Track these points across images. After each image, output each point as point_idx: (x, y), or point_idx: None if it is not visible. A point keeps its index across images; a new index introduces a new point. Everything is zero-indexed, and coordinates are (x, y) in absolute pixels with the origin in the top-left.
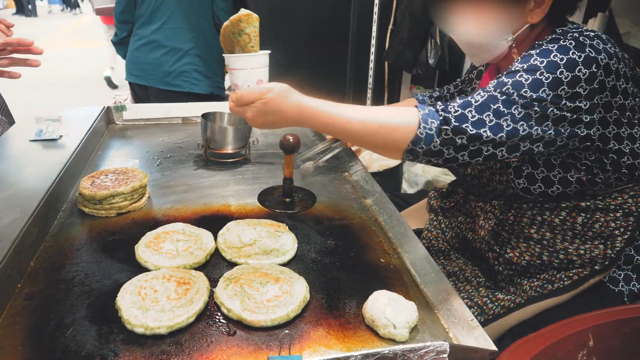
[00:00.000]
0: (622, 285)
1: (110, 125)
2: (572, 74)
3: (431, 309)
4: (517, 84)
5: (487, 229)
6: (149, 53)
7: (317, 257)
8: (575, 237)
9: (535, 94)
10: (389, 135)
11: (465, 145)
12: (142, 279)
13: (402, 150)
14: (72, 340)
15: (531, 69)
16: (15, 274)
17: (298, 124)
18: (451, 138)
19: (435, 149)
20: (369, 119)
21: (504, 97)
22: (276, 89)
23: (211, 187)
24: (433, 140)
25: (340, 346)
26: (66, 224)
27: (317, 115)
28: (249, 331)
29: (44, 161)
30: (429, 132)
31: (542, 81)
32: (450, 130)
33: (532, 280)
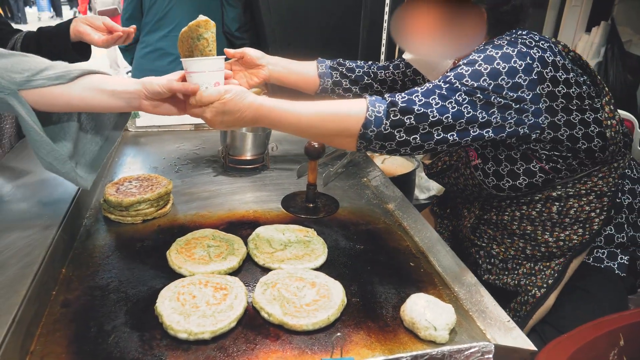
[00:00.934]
0: (606, 262)
1: (123, 132)
2: (509, 65)
3: (466, 311)
4: (458, 75)
5: (468, 227)
6: (156, 60)
7: (348, 261)
8: (554, 226)
9: (476, 83)
10: (341, 123)
11: (415, 127)
12: (179, 285)
13: (355, 137)
14: (115, 347)
15: (470, 62)
16: (51, 281)
17: (255, 122)
18: (399, 119)
19: (386, 132)
20: (321, 110)
21: (447, 85)
22: (234, 90)
23: (232, 193)
24: (382, 123)
25: (382, 349)
26: (92, 231)
27: (271, 112)
28: (290, 335)
29: None
30: (377, 114)
31: (482, 72)
32: (398, 111)
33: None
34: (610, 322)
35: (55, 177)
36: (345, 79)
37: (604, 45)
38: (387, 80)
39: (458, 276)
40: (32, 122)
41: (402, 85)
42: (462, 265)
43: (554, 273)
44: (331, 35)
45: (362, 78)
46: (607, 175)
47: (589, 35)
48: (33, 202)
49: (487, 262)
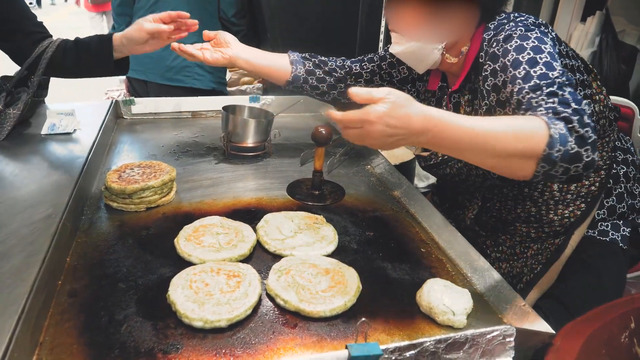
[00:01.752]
0: (611, 234)
1: (118, 120)
2: (544, 45)
3: (480, 296)
4: (542, 76)
5: (472, 218)
6: None
7: (359, 247)
8: (557, 204)
9: (556, 71)
10: (525, 141)
11: (595, 142)
12: (191, 273)
13: (535, 159)
14: (128, 337)
15: (530, 62)
16: (57, 270)
17: (420, 134)
18: (582, 134)
19: (573, 151)
20: (498, 124)
21: (554, 86)
22: (396, 92)
23: (236, 181)
24: (568, 140)
25: (401, 334)
26: (95, 219)
27: (441, 124)
28: (307, 322)
29: (63, 156)
30: (560, 130)
31: (548, 60)
32: (579, 123)
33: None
34: (622, 305)
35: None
36: (319, 69)
37: (599, 34)
38: (362, 74)
39: (470, 261)
40: None
41: (380, 78)
42: (473, 250)
43: (554, 246)
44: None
45: (335, 70)
46: (600, 150)
47: (584, 24)
48: (34, 189)
49: (495, 251)
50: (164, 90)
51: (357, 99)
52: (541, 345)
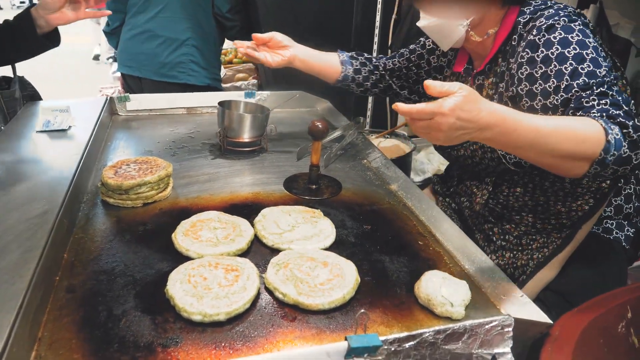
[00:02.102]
0: (615, 232)
1: (113, 117)
2: (588, 38)
3: (478, 288)
4: (591, 75)
5: (482, 204)
6: (144, 43)
7: (357, 241)
8: (567, 196)
9: (603, 68)
10: (583, 144)
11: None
12: (189, 267)
13: (589, 161)
14: (127, 331)
15: (577, 58)
16: (54, 266)
17: (485, 129)
18: (635, 140)
19: (625, 155)
20: (560, 124)
21: (604, 86)
22: (466, 87)
23: (233, 176)
24: (622, 146)
25: (399, 326)
26: (91, 215)
27: (506, 120)
28: (306, 315)
29: (58, 152)
30: (616, 136)
31: (594, 57)
32: (633, 129)
33: (531, 260)
34: (619, 295)
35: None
36: (364, 67)
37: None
38: (394, 69)
39: (467, 254)
40: None
41: (407, 69)
42: (470, 242)
43: (559, 240)
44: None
45: (377, 68)
46: None
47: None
48: (29, 186)
49: (501, 239)
50: (159, 86)
51: (432, 91)
52: (539, 335)
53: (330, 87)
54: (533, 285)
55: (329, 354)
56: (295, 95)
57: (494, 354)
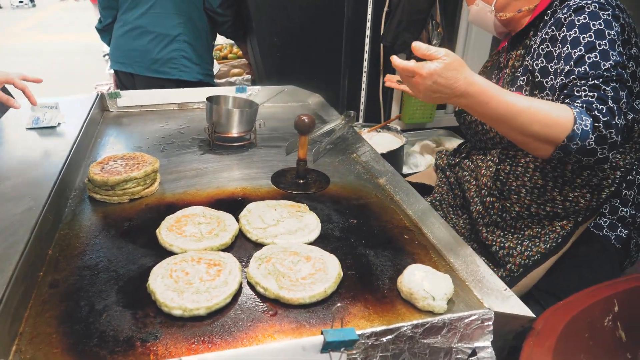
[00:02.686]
0: (605, 230)
1: (104, 113)
2: (610, 30)
3: (462, 281)
4: (593, 65)
5: (489, 176)
6: (135, 39)
7: (342, 235)
8: (565, 184)
9: (610, 61)
10: (549, 128)
11: (615, 143)
12: (172, 262)
13: (555, 145)
14: (107, 326)
15: (589, 46)
16: (38, 262)
17: (460, 97)
18: (604, 135)
19: (590, 147)
20: (534, 105)
21: (600, 79)
22: (453, 55)
23: (221, 171)
24: (588, 138)
25: (380, 320)
26: (78, 211)
27: (483, 92)
28: (287, 309)
29: (47, 149)
30: (584, 127)
31: (606, 49)
32: (603, 126)
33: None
34: (605, 289)
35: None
36: None
37: None
38: None
39: (453, 247)
40: None
41: None
42: (456, 236)
43: (558, 238)
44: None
45: None
46: (626, 151)
47: None
48: (16, 182)
49: (498, 215)
50: (151, 82)
51: (417, 52)
52: (521, 329)
53: (322, 81)
54: (526, 282)
55: (305, 348)
56: (283, 89)
57: (474, 347)
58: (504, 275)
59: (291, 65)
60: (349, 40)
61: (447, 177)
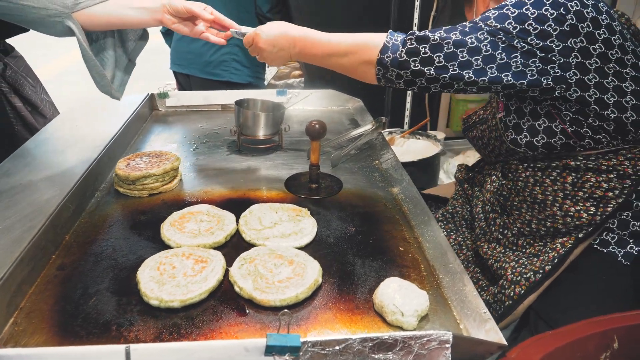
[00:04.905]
0: (612, 247)
1: (153, 112)
2: (539, 11)
3: (444, 299)
4: (484, 17)
5: (492, 191)
6: (191, 43)
7: (336, 242)
8: (565, 198)
9: (500, 25)
10: (364, 48)
11: (430, 58)
12: (163, 256)
13: (373, 64)
14: (93, 309)
15: (499, 6)
16: (51, 246)
17: (296, 44)
18: (415, 47)
19: (402, 59)
20: (348, 36)
21: (471, 24)
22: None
23: (242, 172)
24: (398, 49)
25: (345, 330)
26: (102, 202)
27: (303, 39)
28: (259, 310)
29: (87, 144)
30: (394, 41)
31: (509, 15)
32: (415, 39)
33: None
34: (605, 322)
35: (74, 153)
36: None
37: None
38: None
39: (445, 263)
40: (83, 41)
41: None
42: (452, 253)
43: (555, 258)
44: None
45: None
46: (636, 157)
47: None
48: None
49: (499, 232)
50: (205, 83)
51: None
52: (490, 356)
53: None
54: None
55: (247, 349)
56: (308, 95)
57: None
58: (496, 292)
59: None
60: None
61: (465, 190)
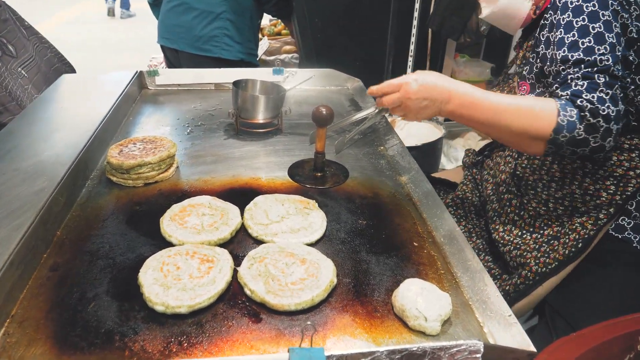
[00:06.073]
0: (628, 232)
1: (142, 90)
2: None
3: (465, 300)
4: (587, 51)
5: (508, 172)
6: (180, 15)
7: (347, 237)
8: (585, 176)
9: (605, 44)
10: (532, 121)
11: (609, 130)
12: (165, 255)
13: (543, 141)
14: (93, 316)
15: (582, 30)
16: (41, 244)
17: (449, 102)
18: (593, 124)
19: (579, 137)
20: (518, 102)
21: (593, 67)
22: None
23: (241, 158)
24: (575, 128)
25: (365, 336)
26: (94, 192)
27: (465, 93)
28: (272, 314)
29: (74, 127)
30: (569, 118)
31: (601, 31)
32: (589, 114)
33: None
34: (628, 323)
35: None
36: None
37: None
38: None
39: (464, 261)
40: None
41: None
42: (469, 249)
43: (579, 241)
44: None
45: None
46: None
47: None
48: (35, 161)
49: (515, 213)
50: (194, 59)
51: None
52: None
53: (365, 65)
54: (540, 292)
55: None
56: (311, 76)
57: None
58: (518, 283)
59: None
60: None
61: (473, 175)
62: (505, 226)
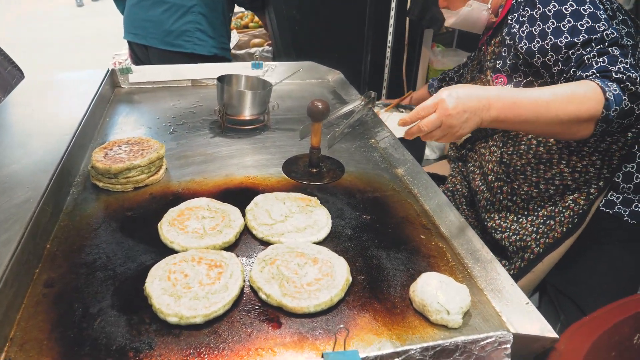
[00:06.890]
0: (618, 207)
1: (115, 89)
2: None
3: (480, 290)
4: (590, 30)
5: (494, 161)
6: (149, 9)
7: (354, 233)
8: (572, 154)
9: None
10: (582, 104)
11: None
12: (170, 262)
13: (594, 120)
14: (100, 332)
15: (575, 14)
16: (33, 259)
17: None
18: (635, 91)
19: (627, 108)
20: (558, 92)
21: (604, 43)
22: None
23: (231, 157)
24: (622, 99)
25: (389, 333)
26: (80, 200)
27: (504, 95)
28: (291, 318)
29: (50, 131)
30: (614, 92)
31: (592, 11)
32: (632, 84)
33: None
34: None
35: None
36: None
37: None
38: (454, 77)
39: (473, 251)
40: None
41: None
42: (477, 239)
43: (574, 217)
44: None
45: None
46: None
47: None
48: (14, 170)
49: (508, 199)
50: (165, 56)
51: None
52: (542, 350)
53: (344, 57)
54: (542, 268)
55: None
56: (299, 69)
57: None
58: (522, 266)
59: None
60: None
61: (460, 168)
62: (500, 213)
